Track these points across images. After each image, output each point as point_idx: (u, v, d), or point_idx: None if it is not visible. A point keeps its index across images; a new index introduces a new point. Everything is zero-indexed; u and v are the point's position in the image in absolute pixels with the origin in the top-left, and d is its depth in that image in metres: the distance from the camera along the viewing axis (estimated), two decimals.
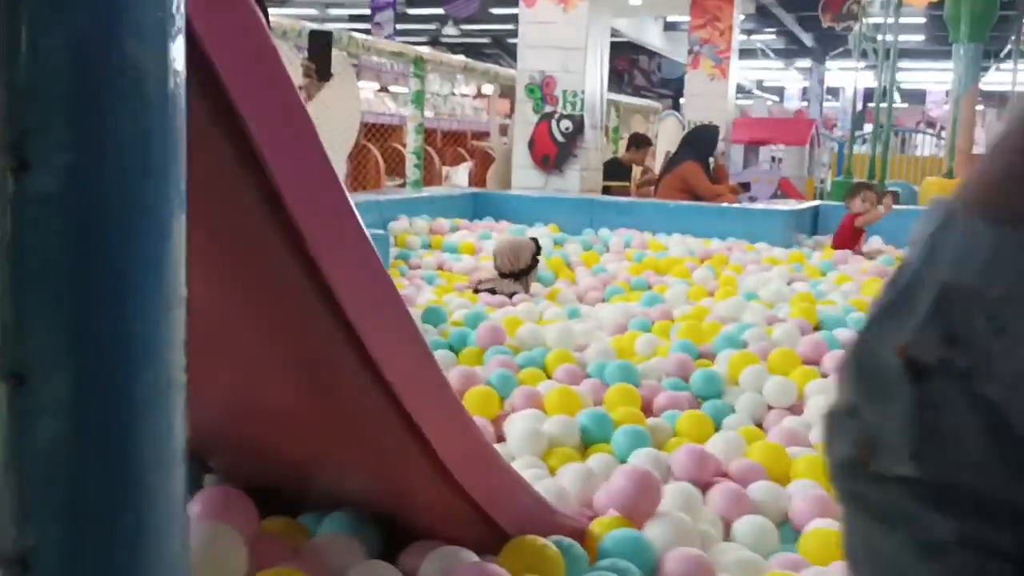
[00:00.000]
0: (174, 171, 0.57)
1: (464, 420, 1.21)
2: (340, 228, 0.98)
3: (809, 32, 16.56)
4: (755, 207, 6.17)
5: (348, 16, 19.85)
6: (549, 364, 2.64)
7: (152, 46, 0.55)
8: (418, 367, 1.10)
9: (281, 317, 1.03)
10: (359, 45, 5.46)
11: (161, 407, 0.55)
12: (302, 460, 1.29)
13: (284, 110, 0.89)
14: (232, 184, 0.87)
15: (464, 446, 1.19)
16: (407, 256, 4.87)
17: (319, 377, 1.09)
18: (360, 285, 0.99)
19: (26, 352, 0.53)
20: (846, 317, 3.14)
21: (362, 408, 1.09)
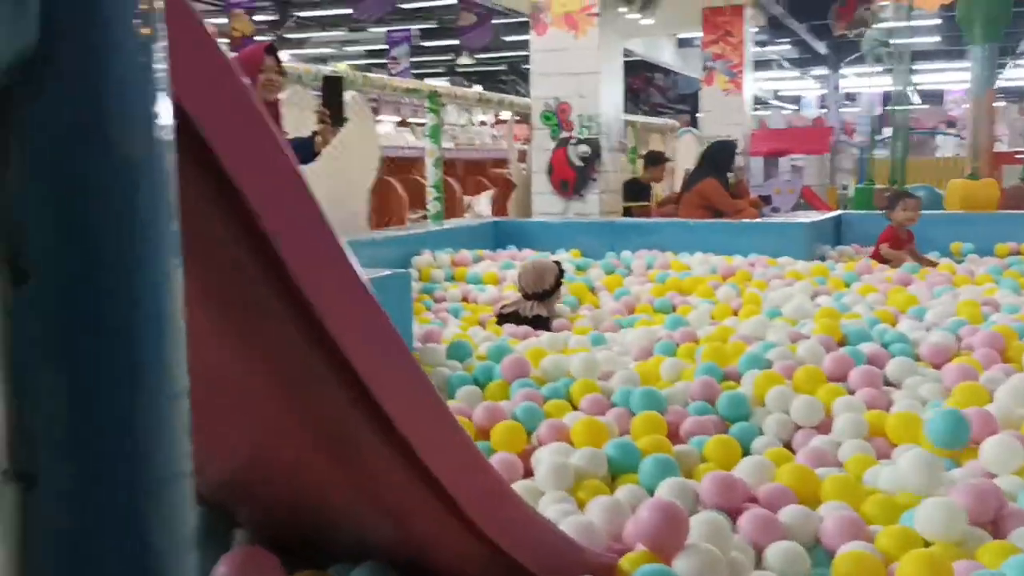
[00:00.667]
0: (169, 262, 0.59)
1: (481, 465, 1.23)
2: (343, 290, 1.00)
3: (822, 40, 16.52)
4: (775, 221, 6.16)
5: (365, 52, 20.10)
6: (574, 394, 2.65)
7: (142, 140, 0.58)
8: (431, 417, 1.12)
9: (292, 378, 1.06)
10: (374, 84, 5.54)
11: (168, 496, 0.58)
12: (326, 512, 1.31)
13: (280, 181, 0.91)
14: (235, 256, 0.90)
15: (484, 491, 1.21)
16: (432, 290, 4.91)
17: (334, 433, 1.12)
18: (367, 344, 1.02)
19: (33, 451, 0.56)
20: (871, 330, 3.13)
21: (378, 460, 1.11)
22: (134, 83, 0.57)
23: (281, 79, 3.79)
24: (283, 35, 16.96)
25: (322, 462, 1.21)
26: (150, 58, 0.58)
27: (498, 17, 13.17)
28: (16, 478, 0.55)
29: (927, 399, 2.54)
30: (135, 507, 0.56)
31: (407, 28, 14.94)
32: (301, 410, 1.11)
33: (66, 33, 0.55)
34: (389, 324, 1.09)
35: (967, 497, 1.85)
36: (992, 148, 8.72)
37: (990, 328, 3.03)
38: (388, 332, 1.08)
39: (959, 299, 3.69)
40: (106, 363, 0.56)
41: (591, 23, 6.74)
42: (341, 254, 1.01)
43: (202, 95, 0.79)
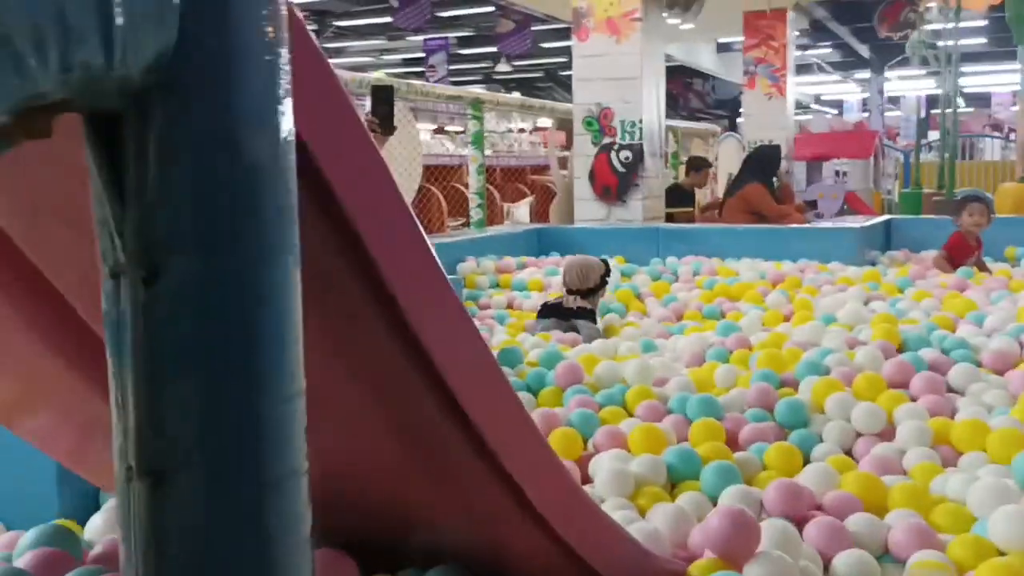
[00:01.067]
0: (291, 264, 0.59)
1: (558, 469, 1.22)
2: (437, 303, 1.00)
3: (865, 43, 16.34)
4: (824, 226, 6.08)
5: (402, 60, 20.25)
6: (629, 401, 2.62)
7: (268, 144, 0.58)
8: (513, 422, 1.11)
9: (385, 388, 1.06)
10: (418, 92, 5.57)
11: (287, 492, 0.57)
12: (403, 516, 1.31)
13: (380, 197, 0.92)
14: (335, 267, 0.90)
15: (560, 495, 1.20)
16: (477, 296, 4.91)
17: (420, 439, 1.11)
18: (459, 356, 1.01)
19: (163, 450, 0.56)
20: (930, 336, 3.07)
21: (462, 466, 1.11)
22: (262, 87, 0.57)
23: None
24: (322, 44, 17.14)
25: (407, 467, 1.21)
26: (276, 61, 0.58)
27: (536, 24, 13.20)
28: (145, 475, 0.55)
29: (992, 406, 2.48)
30: (257, 503, 0.57)
31: (445, 36, 15.01)
32: (391, 417, 1.10)
33: (201, 35, 0.55)
34: (478, 335, 1.08)
35: None
36: None
37: None
38: (477, 343, 1.08)
39: (1018, 304, 3.61)
40: (232, 362, 0.56)
41: (634, 28, 6.72)
42: (436, 268, 1.01)
43: (312, 112, 0.80)
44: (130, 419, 0.55)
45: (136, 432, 0.55)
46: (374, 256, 0.89)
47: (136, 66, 0.54)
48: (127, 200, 0.57)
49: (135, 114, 0.57)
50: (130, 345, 0.55)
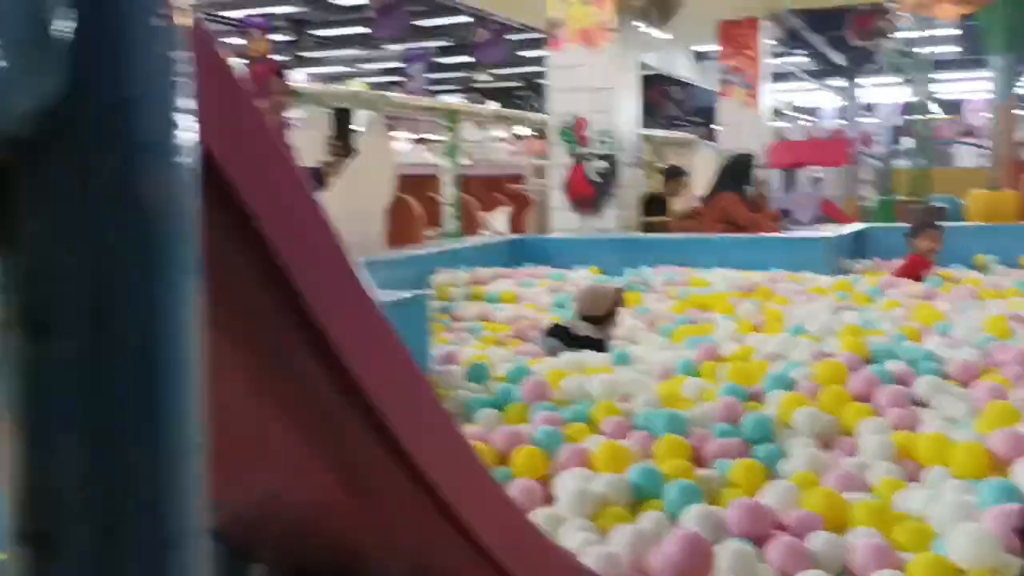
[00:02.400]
0: (191, 313, 0.57)
1: (502, 500, 1.20)
2: (362, 327, 0.98)
3: (840, 51, 16.46)
4: (796, 235, 6.10)
5: (381, 70, 20.23)
6: (595, 417, 2.61)
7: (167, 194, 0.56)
8: (451, 453, 1.09)
9: (312, 419, 1.04)
10: (394, 104, 5.55)
11: (184, 552, 0.55)
12: (345, 551, 1.28)
13: (299, 216, 0.90)
14: (256, 296, 0.88)
15: (505, 526, 1.18)
16: (450, 308, 4.89)
17: (355, 472, 1.09)
18: (387, 382, 0.99)
19: (48, 511, 0.54)
20: (897, 347, 3.08)
21: (400, 499, 1.09)
22: (160, 134, 0.56)
23: (290, 99, 3.80)
24: (299, 54, 17.09)
25: (343, 501, 1.18)
26: (178, 105, 0.57)
27: (513, 33, 13.21)
28: (31, 538, 0.53)
29: (955, 419, 2.48)
30: (150, 565, 0.55)
31: (423, 46, 15.01)
32: (322, 450, 1.08)
33: (95, 81, 0.53)
34: (409, 359, 1.06)
35: (999, 523, 1.81)
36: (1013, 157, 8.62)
37: (1019, 344, 2.97)
38: (407, 368, 1.06)
39: (985, 313, 3.63)
40: (125, 417, 0.54)
41: (607, 38, 6.72)
42: (360, 289, 0.99)
43: (225, 133, 0.78)
44: (17, 479, 0.53)
45: (22, 492, 0.53)
46: (290, 272, 0.87)
47: (18, 114, 0.52)
48: (16, 251, 0.55)
49: (23, 163, 0.55)
50: (16, 399, 0.53)
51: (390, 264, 5.13)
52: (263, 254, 0.84)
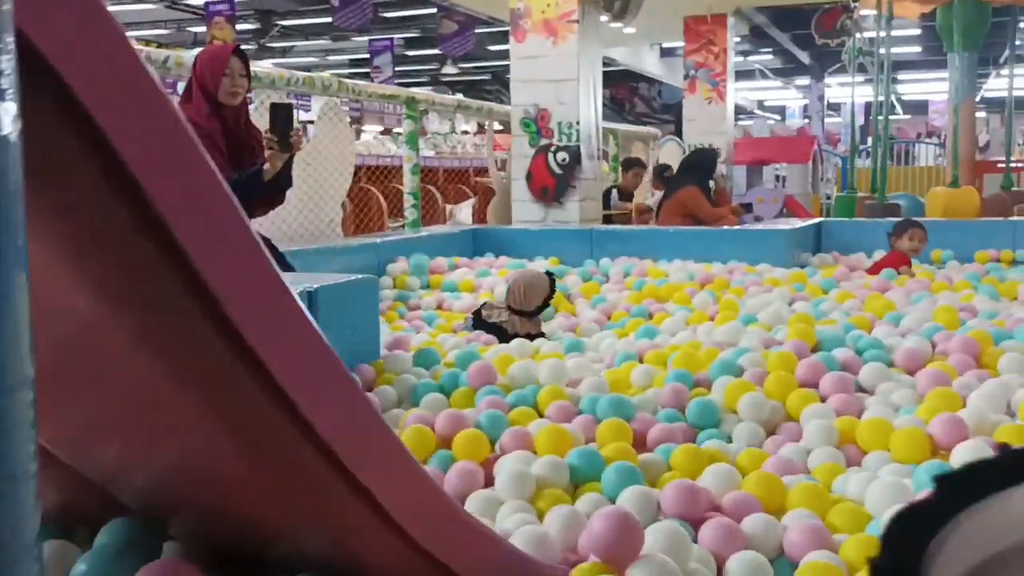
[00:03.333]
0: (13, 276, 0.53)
1: (416, 475, 1.17)
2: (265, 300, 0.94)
3: (805, 50, 16.58)
4: (755, 228, 6.12)
5: (348, 61, 20.07)
6: (541, 402, 2.59)
7: None
8: (363, 430, 1.06)
9: (218, 390, 0.99)
10: (349, 90, 5.48)
11: (9, 497, 0.52)
12: (258, 526, 1.25)
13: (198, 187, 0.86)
14: (156, 266, 0.84)
15: (419, 502, 1.15)
16: (406, 297, 4.85)
17: (266, 448, 1.05)
18: (293, 356, 0.96)
19: None
20: (845, 336, 3.08)
21: (312, 475, 1.05)
22: None
23: (247, 83, 3.71)
24: (266, 44, 16.91)
25: (255, 476, 1.14)
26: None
27: (481, 26, 13.16)
28: None
29: (899, 405, 2.49)
30: None
31: (390, 37, 14.91)
32: (231, 425, 1.04)
33: None
34: (317, 335, 1.02)
35: None
36: (973, 156, 8.72)
37: (965, 333, 2.98)
38: (315, 343, 1.02)
39: (936, 305, 3.65)
40: None
41: (570, 29, 6.70)
42: (261, 259, 0.95)
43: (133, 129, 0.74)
44: None
45: None
46: (206, 277, 0.84)
47: None
48: None
49: None
50: None
51: (347, 251, 5.07)
52: (168, 240, 0.81)
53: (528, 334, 3.65)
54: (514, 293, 3.73)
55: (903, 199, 8.72)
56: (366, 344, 3.01)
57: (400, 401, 2.76)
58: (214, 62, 3.65)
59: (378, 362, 2.95)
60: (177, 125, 0.83)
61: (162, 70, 4.16)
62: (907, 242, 5.02)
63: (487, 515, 1.94)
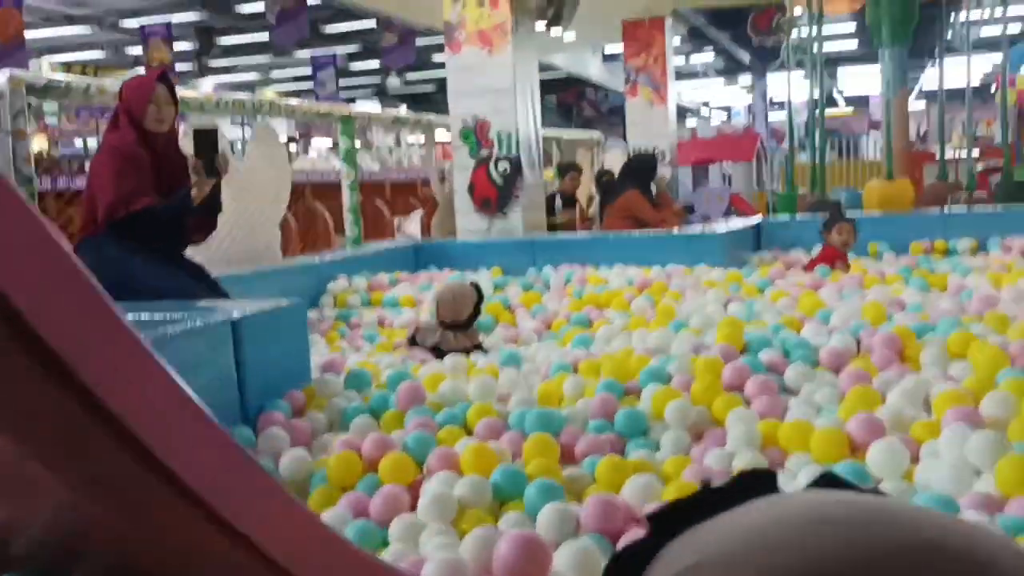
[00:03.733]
0: None
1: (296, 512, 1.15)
2: (110, 348, 0.92)
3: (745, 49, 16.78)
4: (694, 230, 6.18)
5: (292, 77, 19.94)
6: (471, 419, 2.58)
7: None
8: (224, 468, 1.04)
9: (63, 448, 0.97)
10: (282, 110, 5.44)
11: None
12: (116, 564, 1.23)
13: None
14: None
15: (301, 540, 1.13)
16: (347, 316, 4.82)
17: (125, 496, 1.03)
18: (137, 395, 0.94)
19: None
20: (774, 338, 3.12)
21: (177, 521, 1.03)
22: None
23: (174, 111, 3.69)
24: (207, 63, 16.75)
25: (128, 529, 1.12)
26: None
27: (422, 37, 13.15)
28: None
29: (822, 405, 2.52)
30: None
31: (332, 52, 14.84)
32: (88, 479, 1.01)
33: None
34: (166, 375, 1.00)
35: None
36: (908, 148, 8.89)
37: (889, 330, 3.03)
38: (166, 386, 1.00)
39: (866, 300, 3.71)
40: None
41: (505, 39, 6.72)
42: (95, 298, 0.93)
43: None
44: None
45: None
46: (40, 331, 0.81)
47: None
48: None
49: None
50: None
51: (286, 273, 5.04)
52: None
53: (464, 348, 3.64)
54: (442, 307, 3.70)
55: (844, 193, 8.87)
56: (296, 369, 2.98)
57: (331, 426, 2.74)
58: (140, 90, 3.62)
59: (309, 387, 2.92)
60: None
61: (84, 98, 4.10)
62: (836, 236, 5.10)
63: (410, 540, 1.93)
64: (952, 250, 5.64)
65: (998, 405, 2.20)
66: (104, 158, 3.61)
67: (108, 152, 3.60)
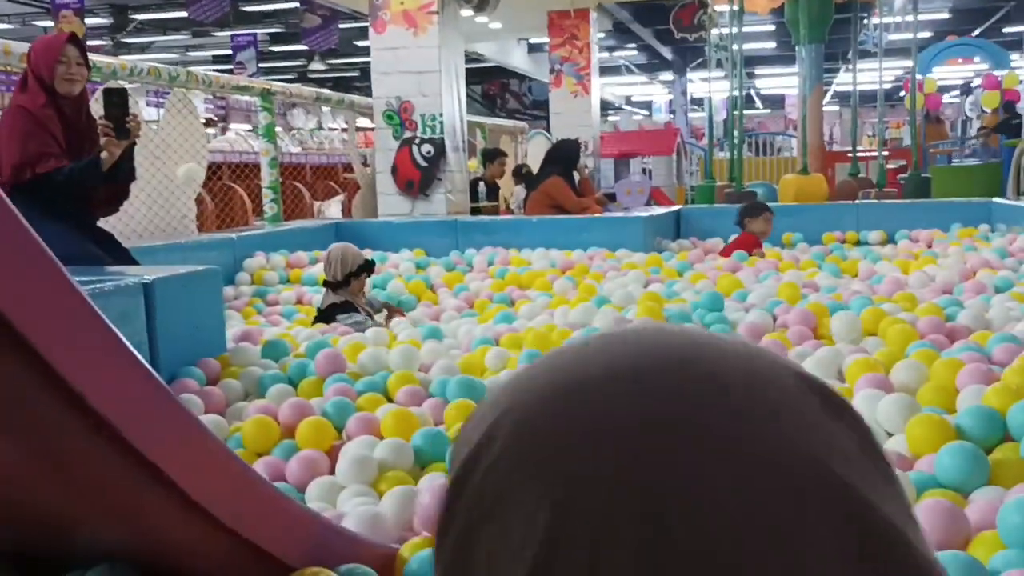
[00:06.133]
0: None
1: (220, 455, 1.12)
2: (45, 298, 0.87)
3: (668, 46, 17.03)
4: (616, 216, 6.23)
5: (211, 57, 19.44)
6: (391, 388, 2.55)
7: None
8: (143, 401, 1.00)
9: None
10: (199, 82, 5.29)
11: None
12: (55, 524, 1.17)
13: None
14: None
15: (222, 482, 1.10)
16: (264, 293, 4.72)
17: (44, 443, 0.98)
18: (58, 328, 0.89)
19: None
20: (693, 313, 3.16)
21: (94, 458, 0.99)
22: None
23: (85, 72, 3.54)
24: (122, 39, 16.21)
25: (34, 466, 1.06)
26: None
27: (346, 20, 12.96)
28: None
29: None
30: None
31: (252, 32, 14.51)
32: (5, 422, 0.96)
33: None
34: (87, 307, 0.96)
35: None
36: (822, 144, 9.14)
37: (804, 306, 3.10)
38: (89, 318, 0.95)
39: (781, 282, 3.79)
40: None
41: (431, 21, 6.67)
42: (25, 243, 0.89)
43: None
44: None
45: None
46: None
47: None
48: None
49: None
50: None
51: (201, 247, 4.90)
52: None
53: (334, 304, 3.66)
54: (332, 263, 3.75)
55: (760, 187, 9.05)
56: (210, 337, 2.90)
57: (247, 394, 2.67)
58: (49, 51, 3.48)
59: (223, 356, 2.84)
60: None
61: None
62: (758, 225, 5.20)
63: (328, 501, 1.90)
64: (863, 241, 5.82)
65: (908, 373, 2.26)
66: (9, 119, 3.45)
67: (14, 112, 3.44)
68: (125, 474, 1.01)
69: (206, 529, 1.08)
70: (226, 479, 1.11)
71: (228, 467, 1.12)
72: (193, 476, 1.05)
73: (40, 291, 0.89)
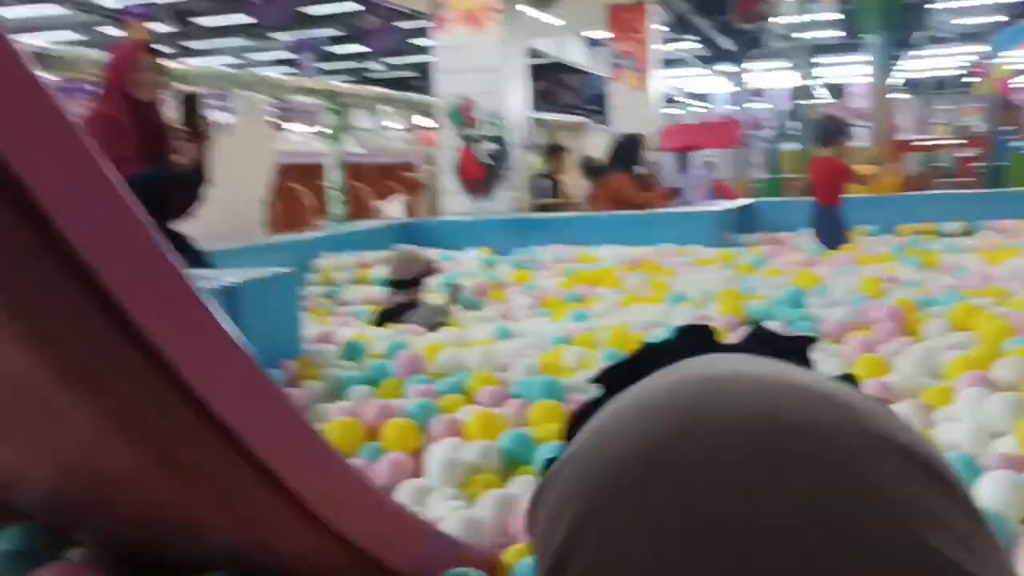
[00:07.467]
0: None
1: (334, 463, 1.10)
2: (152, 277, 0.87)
3: (728, 37, 16.77)
4: (684, 210, 6.15)
5: (274, 60, 19.70)
6: (472, 388, 2.53)
7: None
8: (265, 411, 0.99)
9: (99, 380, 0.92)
10: (269, 85, 5.35)
11: None
12: (166, 522, 1.17)
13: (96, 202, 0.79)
14: (29, 250, 0.77)
15: (336, 489, 1.08)
16: (334, 293, 4.75)
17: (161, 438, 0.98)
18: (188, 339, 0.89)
19: None
20: (774, 309, 3.09)
21: (217, 464, 0.98)
22: None
23: (162, 79, 3.60)
24: (185, 45, 16.53)
25: (151, 469, 1.06)
26: None
27: (405, 20, 13.02)
28: None
29: (828, 374, 2.49)
30: None
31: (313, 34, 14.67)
32: (118, 417, 0.96)
33: None
34: (211, 316, 0.95)
35: None
36: (893, 135, 8.92)
37: (891, 302, 3.01)
38: (211, 325, 0.95)
39: (861, 277, 3.69)
40: None
41: (493, 19, 6.65)
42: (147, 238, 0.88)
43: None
44: None
45: None
46: (92, 267, 0.77)
47: None
48: None
49: None
50: None
51: (271, 249, 4.95)
52: (40, 223, 0.74)
53: (401, 304, 3.71)
54: (392, 265, 3.88)
55: None
56: (288, 339, 2.92)
57: (327, 395, 2.68)
58: (126, 57, 3.55)
59: (303, 357, 2.86)
60: (58, 118, 0.78)
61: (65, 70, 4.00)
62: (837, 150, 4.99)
63: (418, 504, 1.88)
64: (941, 232, 5.65)
65: (1010, 370, 2.18)
66: (90, 127, 3.53)
67: (95, 120, 3.51)
68: (247, 483, 1.00)
69: (324, 539, 1.07)
70: (345, 489, 1.10)
71: (346, 477, 1.11)
72: (312, 486, 1.04)
73: (174, 307, 0.88)
